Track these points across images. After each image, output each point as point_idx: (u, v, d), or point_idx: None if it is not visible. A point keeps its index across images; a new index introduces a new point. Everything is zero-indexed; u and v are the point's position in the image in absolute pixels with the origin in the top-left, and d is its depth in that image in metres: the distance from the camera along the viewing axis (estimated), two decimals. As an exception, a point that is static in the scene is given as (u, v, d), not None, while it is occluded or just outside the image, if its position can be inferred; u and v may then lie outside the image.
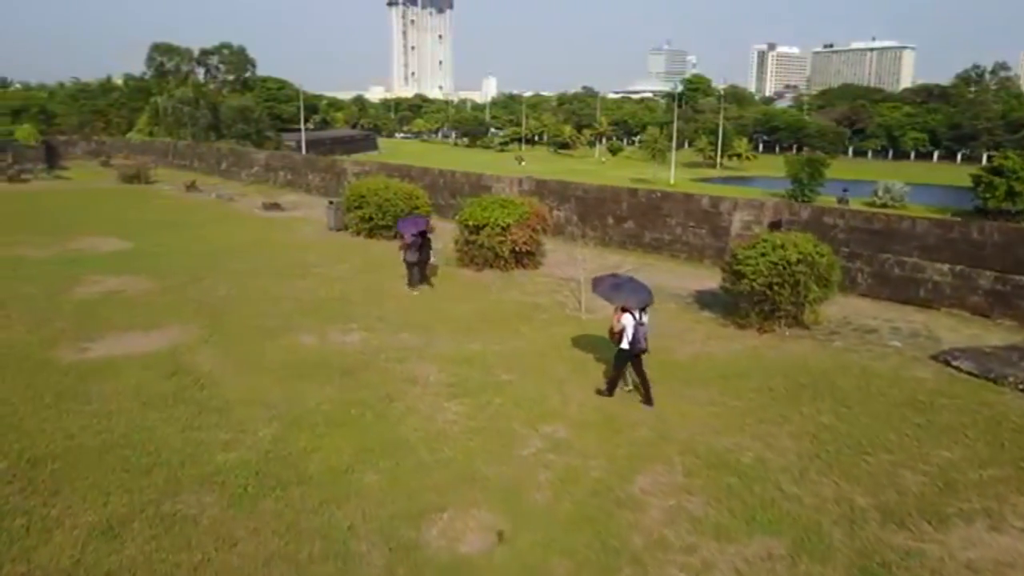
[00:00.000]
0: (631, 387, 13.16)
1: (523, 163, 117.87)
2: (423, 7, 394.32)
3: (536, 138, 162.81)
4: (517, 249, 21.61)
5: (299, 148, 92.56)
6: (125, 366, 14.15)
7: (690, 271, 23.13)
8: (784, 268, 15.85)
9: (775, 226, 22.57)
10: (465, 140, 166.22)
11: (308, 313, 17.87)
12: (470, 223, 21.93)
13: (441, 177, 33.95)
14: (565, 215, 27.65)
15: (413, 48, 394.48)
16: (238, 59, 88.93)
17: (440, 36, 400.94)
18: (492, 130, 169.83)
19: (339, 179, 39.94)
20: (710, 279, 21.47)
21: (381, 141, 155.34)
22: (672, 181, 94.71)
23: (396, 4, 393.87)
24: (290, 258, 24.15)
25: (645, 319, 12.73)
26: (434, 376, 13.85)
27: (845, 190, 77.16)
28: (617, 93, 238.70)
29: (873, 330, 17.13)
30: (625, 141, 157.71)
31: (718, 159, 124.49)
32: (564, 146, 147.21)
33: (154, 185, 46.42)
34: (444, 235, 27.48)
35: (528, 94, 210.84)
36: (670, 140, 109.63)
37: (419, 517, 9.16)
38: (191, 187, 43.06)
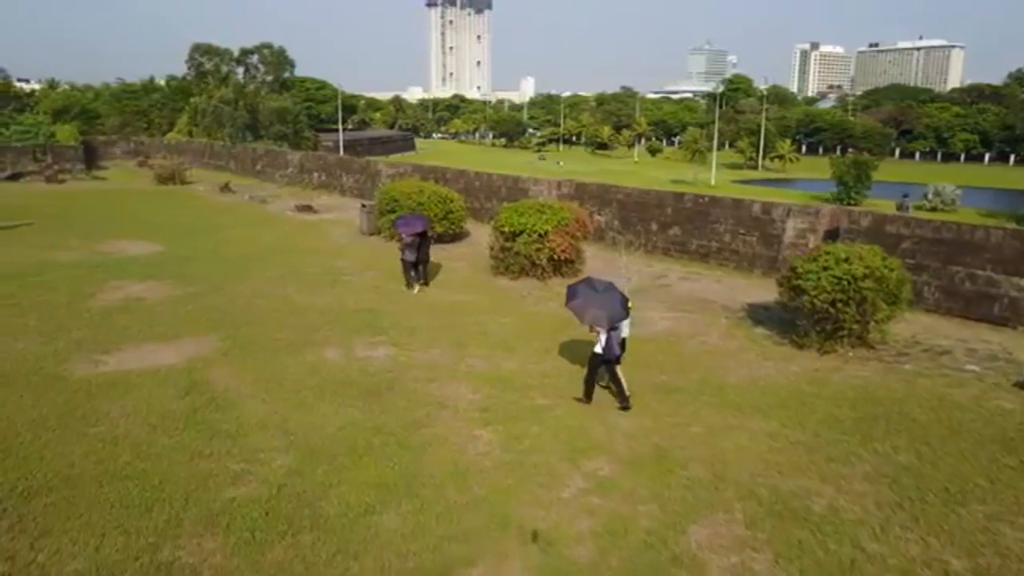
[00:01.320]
0: (606, 383, 12.85)
1: (560, 163, 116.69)
2: (462, 7, 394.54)
3: (574, 138, 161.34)
4: (555, 257, 20.44)
5: (337, 148, 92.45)
6: (138, 382, 13.29)
7: (740, 282, 21.75)
8: (849, 284, 14.47)
9: (832, 235, 21.12)
10: (502, 141, 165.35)
11: (334, 325, 16.91)
12: (506, 229, 20.82)
13: (477, 179, 32.89)
14: (606, 220, 26.41)
15: (451, 48, 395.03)
16: (278, 59, 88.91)
17: (479, 36, 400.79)
18: (530, 130, 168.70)
19: (373, 181, 39.12)
20: (762, 291, 20.18)
21: (418, 142, 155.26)
22: (712, 183, 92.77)
23: (435, 5, 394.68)
24: (319, 264, 23.26)
25: (623, 325, 12.54)
26: (466, 399, 12.75)
27: (906, 196, 73.51)
28: (656, 93, 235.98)
29: (946, 351, 15.65)
30: (664, 142, 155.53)
31: (759, 160, 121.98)
32: (602, 146, 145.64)
33: (189, 186, 46.10)
34: (479, 241, 26.53)
35: (566, 94, 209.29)
36: (711, 141, 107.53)
37: (445, 574, 8.05)
38: (225, 188, 42.60)
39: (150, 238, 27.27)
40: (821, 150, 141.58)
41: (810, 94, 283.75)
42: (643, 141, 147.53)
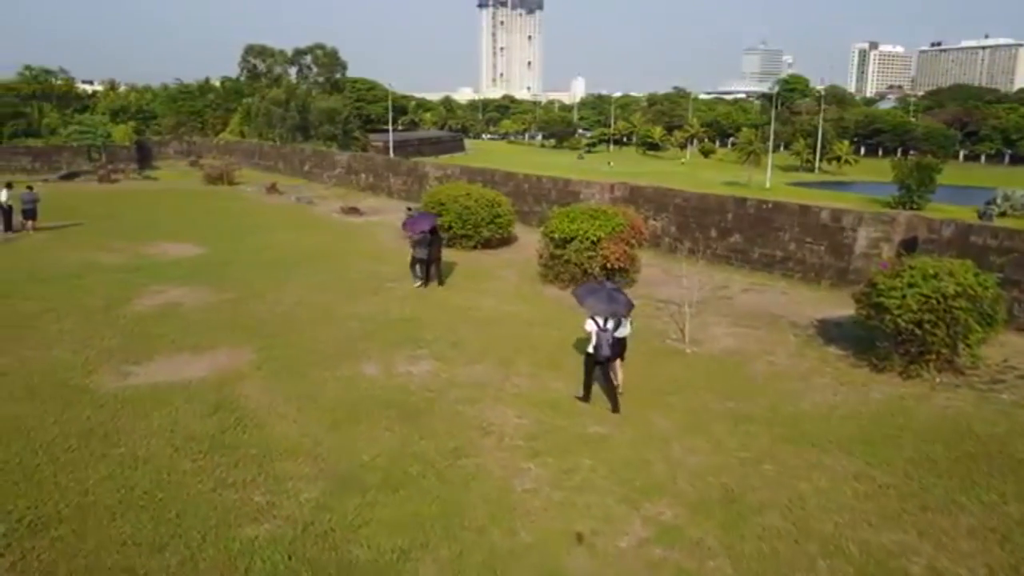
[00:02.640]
0: (622, 390, 12.66)
1: (611, 164, 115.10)
2: (513, 8, 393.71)
3: (625, 139, 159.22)
4: (609, 266, 19.25)
5: (386, 149, 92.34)
6: (166, 397, 12.54)
7: (807, 294, 20.28)
8: (938, 303, 13.02)
9: (908, 245, 19.55)
10: (552, 141, 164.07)
11: (374, 336, 16.02)
12: (556, 235, 19.71)
13: (525, 182, 31.83)
14: (662, 225, 25.12)
15: (502, 49, 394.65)
16: (330, 60, 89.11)
17: (529, 37, 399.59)
18: (580, 131, 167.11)
19: (421, 183, 38.37)
20: (832, 305, 18.76)
21: (468, 142, 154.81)
22: (767, 185, 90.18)
23: (486, 5, 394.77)
24: (363, 269, 22.44)
25: (611, 326, 12.25)
26: (511, 424, 11.69)
27: (989, 202, 68.74)
28: (709, 94, 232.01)
29: (1046, 378, 14.06)
30: (717, 143, 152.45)
31: (816, 162, 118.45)
32: (653, 147, 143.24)
33: (237, 187, 45.98)
34: (527, 247, 25.47)
35: (617, 94, 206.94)
36: (766, 142, 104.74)
37: (485, 642, 7.01)
38: (272, 189, 42.31)
39: (194, 240, 26.84)
40: (880, 152, 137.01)
41: (868, 95, 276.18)
42: (695, 142, 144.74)
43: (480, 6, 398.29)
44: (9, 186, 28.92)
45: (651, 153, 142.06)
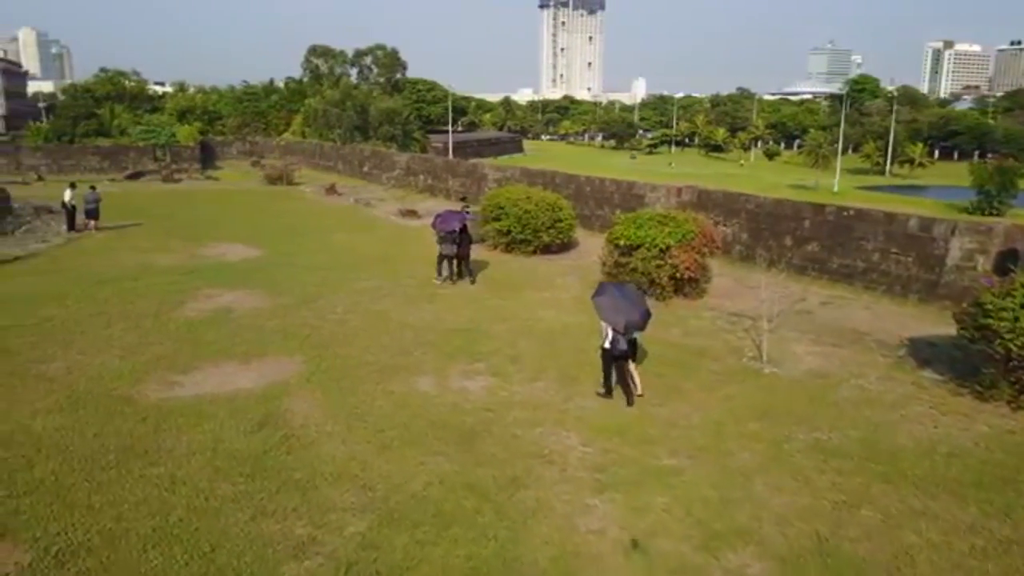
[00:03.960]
0: (640, 392, 12.60)
1: (672, 165, 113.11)
2: (574, 8, 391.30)
3: (687, 140, 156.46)
4: (678, 275, 18.10)
5: (446, 149, 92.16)
6: (210, 411, 11.92)
7: (893, 309, 18.77)
8: (1058, 326, 11.56)
9: (1008, 257, 17.92)
10: (611, 142, 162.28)
11: (429, 347, 15.21)
12: (621, 242, 18.64)
13: (588, 185, 30.75)
14: (732, 232, 23.78)
15: (563, 50, 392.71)
16: (390, 60, 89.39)
17: (590, 37, 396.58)
18: (640, 132, 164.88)
19: (479, 185, 37.64)
20: (923, 322, 17.29)
21: (527, 143, 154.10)
22: (836, 189, 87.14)
23: (547, 6, 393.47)
24: (417, 274, 21.69)
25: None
26: (575, 453, 10.70)
27: None
28: (774, 95, 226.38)
29: None
30: (783, 145, 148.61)
31: (887, 165, 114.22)
32: (716, 149, 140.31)
33: (297, 187, 45.99)
34: (589, 252, 24.41)
35: (679, 95, 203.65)
36: (834, 144, 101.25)
37: None
38: (331, 190, 42.12)
39: (250, 241, 26.55)
40: (956, 155, 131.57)
41: (943, 95, 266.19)
42: (759, 144, 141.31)
43: (541, 7, 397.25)
44: (72, 186, 29.13)
45: (714, 155, 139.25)
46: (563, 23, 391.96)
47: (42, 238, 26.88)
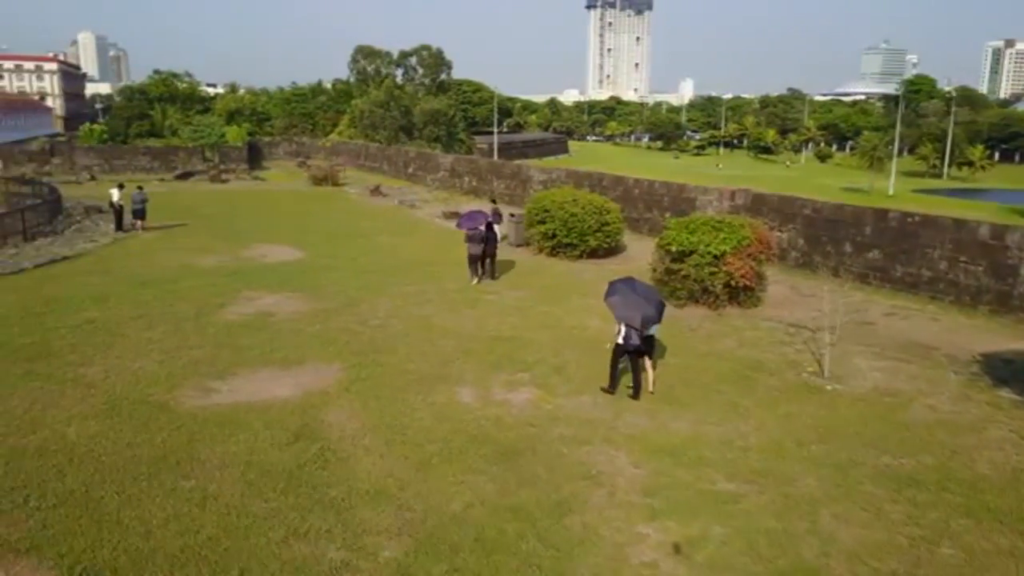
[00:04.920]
0: (652, 389, 12.70)
1: (720, 166, 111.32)
2: (622, 9, 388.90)
3: (735, 142, 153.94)
4: (733, 283, 17.28)
5: (491, 151, 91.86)
6: (245, 420, 11.55)
7: (963, 322, 17.69)
8: None
9: (1090, 267, 16.71)
10: (659, 143, 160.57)
11: (471, 355, 14.68)
12: (673, 248, 17.87)
13: (636, 187, 29.95)
14: (788, 238, 22.80)
15: (609, 50, 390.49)
16: (435, 61, 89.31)
17: (638, 38, 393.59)
18: (688, 133, 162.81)
19: (524, 186, 37.07)
20: (996, 335, 16.26)
21: (572, 144, 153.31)
22: (891, 192, 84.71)
23: (595, 6, 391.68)
24: (461, 279, 21.18)
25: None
26: (625, 474, 10.05)
27: None
28: (826, 95, 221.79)
29: None
30: (835, 147, 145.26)
31: (944, 168, 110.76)
32: (766, 151, 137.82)
33: (342, 188, 45.94)
34: (637, 257, 23.69)
35: (727, 96, 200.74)
36: (889, 146, 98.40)
37: None
38: (375, 191, 41.95)
39: (294, 243, 26.37)
40: (1018, 158, 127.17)
41: (1003, 96, 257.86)
42: (811, 146, 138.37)
43: (588, 7, 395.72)
44: (120, 187, 29.31)
45: (763, 157, 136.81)
46: (610, 23, 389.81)
47: (90, 238, 27.06)
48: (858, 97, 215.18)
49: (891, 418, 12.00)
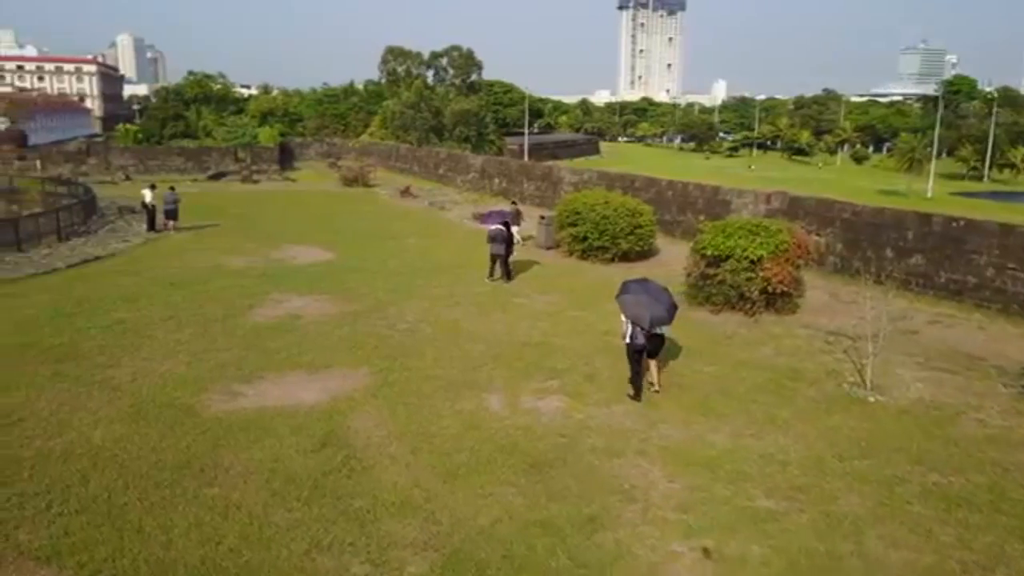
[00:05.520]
0: (658, 388, 12.78)
1: (752, 168, 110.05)
2: (654, 10, 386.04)
3: (769, 143, 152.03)
4: (770, 289, 16.79)
5: (521, 151, 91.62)
6: (272, 426, 11.37)
7: (1012, 331, 17.02)
8: None
9: None
10: (691, 144, 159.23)
11: (500, 360, 14.39)
12: (708, 252, 17.42)
13: (670, 189, 29.47)
14: (826, 242, 22.19)
15: (641, 51, 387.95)
16: (465, 61, 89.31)
17: (670, 39, 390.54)
18: (721, 134, 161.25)
19: (555, 188, 36.73)
20: (1048, 347, 15.50)
21: (604, 145, 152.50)
22: (929, 195, 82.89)
23: (627, 7, 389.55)
24: (490, 282, 20.94)
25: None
26: (660, 488, 9.68)
27: None
28: (862, 96, 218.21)
29: None
30: (871, 148, 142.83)
31: (986, 170, 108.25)
32: (800, 152, 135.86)
33: (372, 189, 45.96)
34: (670, 261, 23.25)
35: (761, 97, 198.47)
36: (927, 148, 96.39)
37: None
38: (405, 193, 41.88)
39: (323, 244, 26.31)
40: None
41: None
42: (846, 147, 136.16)
43: (620, 8, 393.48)
44: (152, 187, 29.50)
45: (797, 158, 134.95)
46: (642, 24, 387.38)
47: (123, 238, 27.24)
48: (895, 98, 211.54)
49: (938, 433, 11.48)
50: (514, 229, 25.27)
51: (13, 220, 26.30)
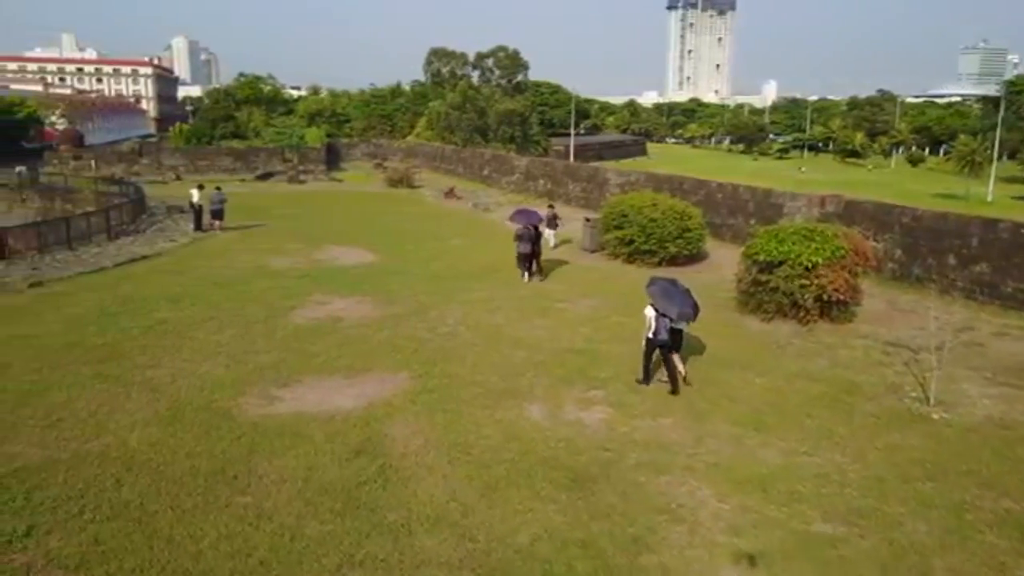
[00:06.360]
0: (689, 381, 13.07)
1: (803, 170, 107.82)
2: (703, 10, 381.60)
3: (821, 145, 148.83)
4: (826, 297, 16.08)
5: (567, 153, 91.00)
6: (307, 432, 11.14)
7: (1086, 345, 16.04)
8: None
9: None
10: (739, 146, 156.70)
11: (542, 368, 13.98)
12: (760, 258, 16.76)
13: (719, 191, 28.71)
14: (884, 248, 21.27)
15: (690, 52, 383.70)
16: (511, 62, 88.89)
17: (719, 39, 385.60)
18: (771, 136, 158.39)
19: (600, 190, 36.16)
20: None
21: (650, 147, 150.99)
22: (989, 199, 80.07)
23: (676, 7, 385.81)
24: (532, 286, 20.55)
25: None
26: (709, 508, 9.17)
27: None
28: (918, 97, 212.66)
29: None
30: (927, 151, 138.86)
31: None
32: (853, 154, 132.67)
33: (417, 190, 45.91)
34: (720, 266, 22.61)
35: (813, 98, 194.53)
36: (988, 150, 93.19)
37: None
38: (449, 194, 41.70)
39: (366, 245, 26.18)
40: None
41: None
42: (901, 149, 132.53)
43: (669, 8, 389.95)
44: (200, 187, 29.73)
45: (850, 160, 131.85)
46: (691, 24, 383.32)
47: (170, 237, 27.49)
48: (954, 99, 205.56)
49: (1009, 454, 10.74)
50: (550, 232, 25.05)
51: (65, 219, 26.71)
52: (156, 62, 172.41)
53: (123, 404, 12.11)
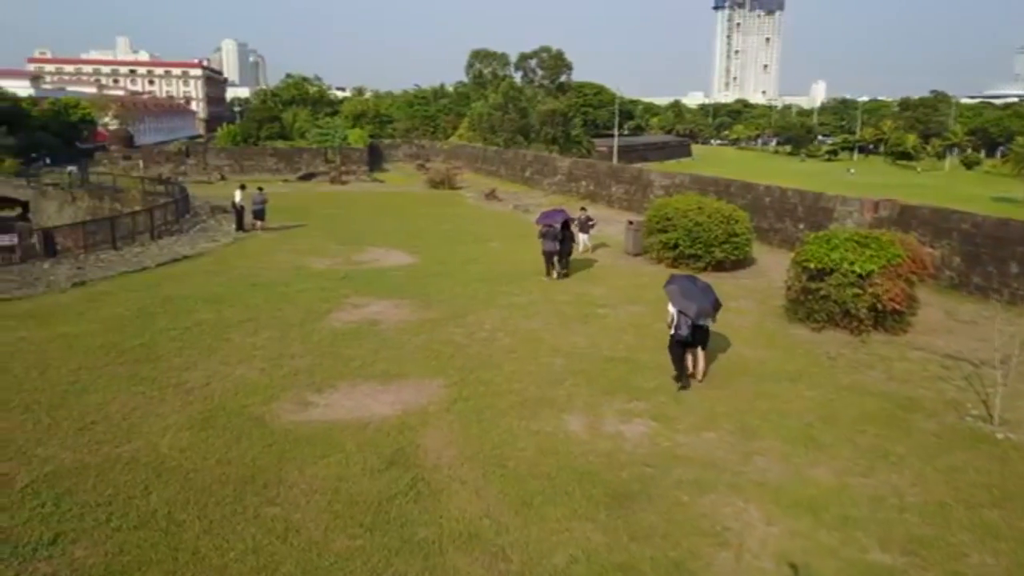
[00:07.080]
0: (700, 379, 13.15)
1: (852, 171, 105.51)
2: (751, 9, 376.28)
3: (871, 147, 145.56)
4: (880, 307, 15.35)
5: (610, 154, 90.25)
6: (339, 440, 10.87)
7: None
8: None
9: None
10: (787, 147, 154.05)
11: (581, 377, 13.54)
12: (811, 265, 16.08)
13: (767, 195, 27.92)
14: (941, 255, 20.38)
15: (737, 52, 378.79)
16: (555, 62, 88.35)
17: (767, 39, 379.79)
18: (820, 137, 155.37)
19: (644, 192, 35.53)
20: None
21: (696, 148, 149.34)
22: (1049, 203, 77.26)
23: (723, 7, 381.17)
24: (572, 291, 20.11)
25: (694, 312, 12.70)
26: (757, 533, 8.65)
27: None
28: (973, 98, 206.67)
29: None
30: (983, 153, 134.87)
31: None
32: (905, 156, 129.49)
33: (458, 191, 45.75)
34: (768, 272, 21.93)
35: (863, 99, 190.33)
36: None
37: None
38: (491, 196, 41.43)
39: (405, 247, 26.00)
40: None
41: None
42: (956, 151, 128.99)
43: (716, 8, 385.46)
44: (242, 187, 29.90)
45: (901, 163, 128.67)
46: (738, 24, 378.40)
47: (212, 237, 27.65)
48: (1011, 100, 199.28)
49: (1086, 482, 10.00)
50: (583, 236, 24.66)
51: (110, 219, 27.04)
52: (206, 64, 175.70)
53: (157, 407, 11.99)
